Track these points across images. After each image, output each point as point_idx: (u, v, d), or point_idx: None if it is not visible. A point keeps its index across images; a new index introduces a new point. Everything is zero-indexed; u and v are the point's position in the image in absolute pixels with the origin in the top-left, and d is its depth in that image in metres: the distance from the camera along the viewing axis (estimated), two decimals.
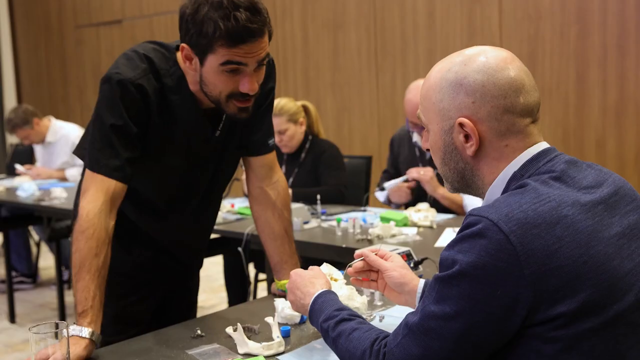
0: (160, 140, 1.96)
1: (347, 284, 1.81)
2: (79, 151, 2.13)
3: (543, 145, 1.34)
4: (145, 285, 2.17)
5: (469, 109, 1.31)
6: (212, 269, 5.43)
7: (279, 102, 4.08)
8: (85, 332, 1.70)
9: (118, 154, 1.87)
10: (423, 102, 1.40)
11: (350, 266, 1.75)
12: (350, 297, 1.77)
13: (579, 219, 1.21)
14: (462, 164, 1.37)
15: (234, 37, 1.73)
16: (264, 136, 2.17)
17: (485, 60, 1.32)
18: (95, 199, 1.84)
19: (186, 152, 2.02)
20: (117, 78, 1.86)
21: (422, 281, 1.66)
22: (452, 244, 1.24)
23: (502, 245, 1.16)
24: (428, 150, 1.44)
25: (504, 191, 1.32)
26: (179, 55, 1.92)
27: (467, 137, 1.33)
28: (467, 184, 1.40)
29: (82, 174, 2.17)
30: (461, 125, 1.32)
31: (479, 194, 1.40)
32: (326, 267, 1.83)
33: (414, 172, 3.58)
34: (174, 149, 1.99)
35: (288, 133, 4.09)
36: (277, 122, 4.05)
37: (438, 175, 3.47)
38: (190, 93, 1.94)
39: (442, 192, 3.49)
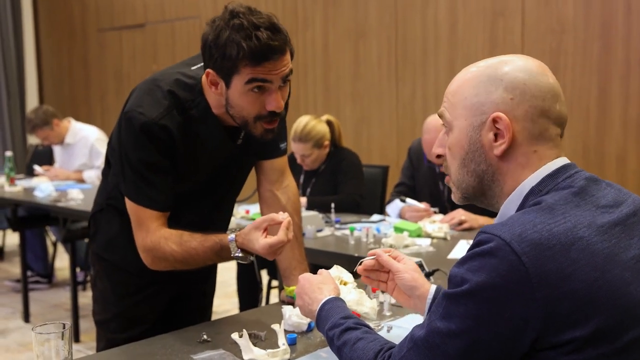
0: (186, 163, 1.99)
1: (357, 286, 1.78)
2: (115, 179, 2.12)
3: (563, 160, 1.29)
4: (152, 286, 2.18)
5: (507, 105, 1.26)
6: (227, 275, 5.42)
7: (307, 125, 4.04)
8: (232, 237, 1.89)
9: (155, 186, 1.93)
10: (451, 99, 1.34)
11: (360, 263, 1.72)
12: (359, 302, 1.73)
13: (595, 240, 1.16)
14: (484, 166, 1.30)
15: (257, 55, 1.75)
16: (276, 140, 2.17)
17: (526, 63, 1.30)
18: (153, 231, 1.94)
19: (209, 166, 2.06)
20: (140, 120, 1.87)
21: (433, 287, 1.62)
22: (462, 261, 1.20)
23: (514, 266, 1.12)
24: (439, 156, 1.39)
25: (520, 207, 1.27)
26: (203, 79, 1.93)
27: (496, 136, 1.28)
28: (483, 190, 1.33)
29: (103, 181, 2.19)
30: (495, 121, 1.27)
31: (493, 203, 1.34)
32: (336, 270, 1.81)
33: (461, 215, 3.35)
34: (197, 166, 2.03)
35: (312, 157, 4.09)
36: (302, 147, 4.04)
37: (469, 208, 3.30)
38: (214, 117, 1.96)
39: (482, 222, 3.35)
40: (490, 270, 1.13)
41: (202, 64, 1.95)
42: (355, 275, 1.81)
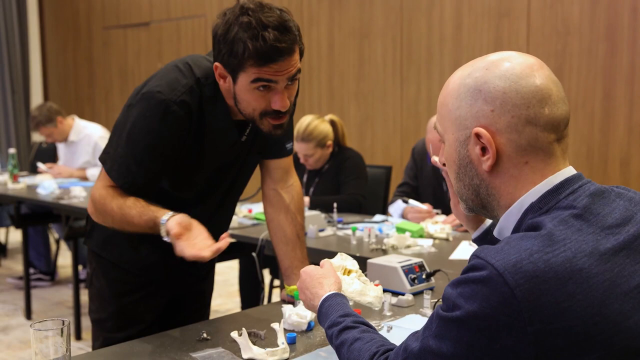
0: (190, 148, 1.97)
1: (359, 276, 1.77)
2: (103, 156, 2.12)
3: (567, 172, 1.21)
4: (150, 285, 2.17)
5: (487, 118, 1.18)
6: (229, 274, 5.43)
7: (309, 125, 4.04)
8: (164, 220, 1.83)
9: (143, 174, 1.91)
10: (440, 110, 1.28)
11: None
12: (362, 292, 1.72)
13: (595, 272, 1.08)
14: (477, 180, 1.24)
15: (262, 56, 1.75)
16: (283, 139, 2.17)
17: (510, 65, 1.20)
18: (106, 186, 1.94)
19: (211, 157, 2.04)
20: (158, 98, 1.86)
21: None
22: (456, 283, 1.15)
23: (506, 298, 1.06)
24: (445, 165, 1.33)
25: (519, 222, 1.22)
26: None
27: (483, 150, 1.20)
28: (482, 203, 1.27)
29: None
30: (477, 136, 1.19)
31: (493, 216, 1.30)
32: (339, 258, 1.80)
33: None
34: (200, 154, 2.00)
35: (315, 157, 4.09)
36: (305, 147, 4.04)
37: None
38: (225, 104, 1.95)
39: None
40: (482, 300, 1.08)
41: None
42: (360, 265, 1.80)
